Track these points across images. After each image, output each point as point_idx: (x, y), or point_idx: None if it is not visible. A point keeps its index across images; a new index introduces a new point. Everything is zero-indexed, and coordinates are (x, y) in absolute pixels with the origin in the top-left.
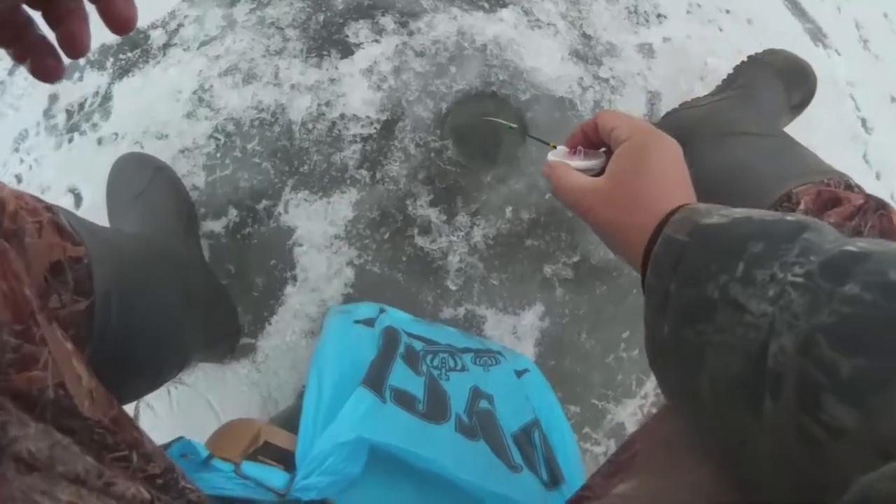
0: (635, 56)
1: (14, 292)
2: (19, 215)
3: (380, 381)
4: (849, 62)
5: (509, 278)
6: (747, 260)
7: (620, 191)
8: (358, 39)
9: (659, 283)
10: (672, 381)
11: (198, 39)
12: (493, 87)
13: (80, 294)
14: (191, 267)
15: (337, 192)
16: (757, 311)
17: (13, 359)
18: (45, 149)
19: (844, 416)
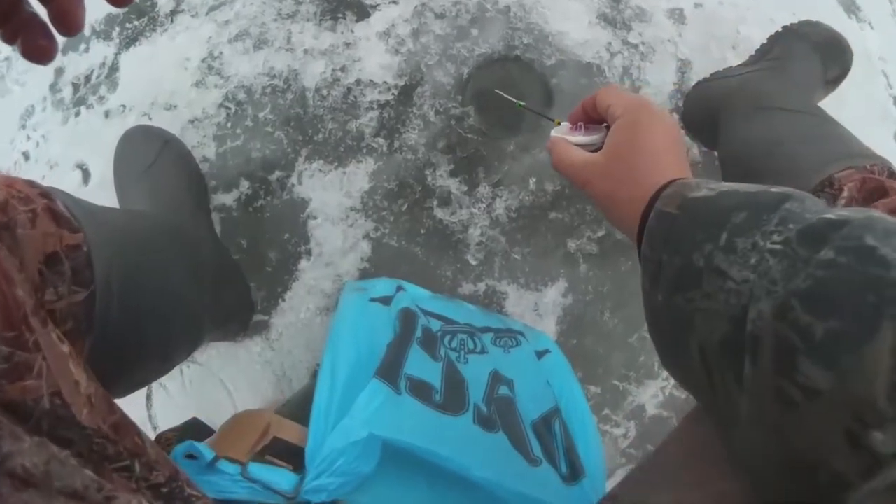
0: (665, 21)
1: (5, 297)
2: (10, 205)
3: (395, 370)
4: (882, 36)
5: (532, 253)
6: (730, 230)
7: (616, 164)
8: (374, 0)
9: (652, 253)
10: (667, 348)
11: (206, 4)
12: (516, 51)
13: (78, 284)
14: (201, 243)
15: (353, 161)
16: (738, 277)
17: (4, 369)
18: (51, 124)
19: (819, 377)
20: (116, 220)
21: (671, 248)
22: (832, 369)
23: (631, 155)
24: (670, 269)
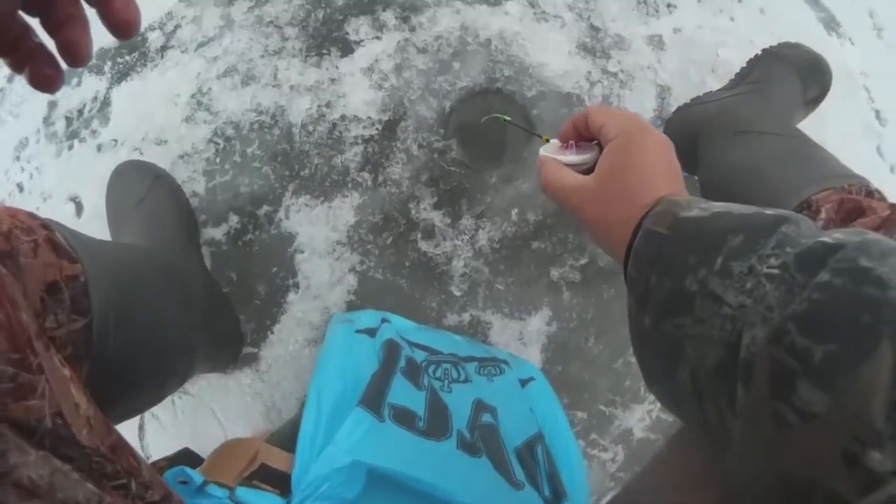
0: (645, 48)
1: (10, 320)
2: (13, 235)
3: (379, 399)
4: (863, 52)
5: (515, 282)
6: (726, 253)
7: (609, 188)
8: (358, 37)
9: (640, 275)
10: (654, 372)
11: (195, 41)
12: (497, 83)
13: (77, 313)
14: (191, 277)
15: (338, 196)
16: (734, 302)
17: (9, 388)
18: (45, 156)
19: (816, 399)
20: (111, 253)
21: (660, 269)
22: (829, 391)
23: (624, 177)
24: (659, 292)
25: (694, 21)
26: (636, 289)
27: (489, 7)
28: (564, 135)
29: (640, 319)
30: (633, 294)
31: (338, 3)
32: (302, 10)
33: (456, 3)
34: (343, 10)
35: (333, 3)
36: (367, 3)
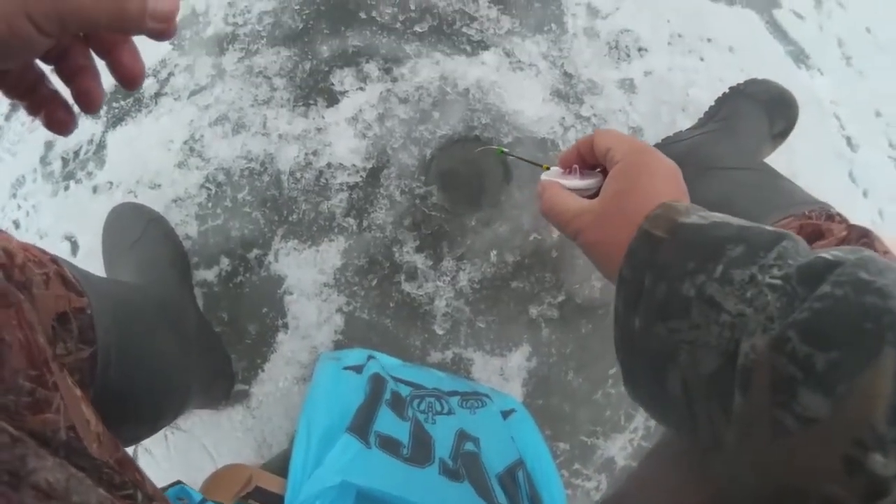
0: (616, 92)
1: (29, 341)
2: (27, 267)
3: (365, 427)
4: (832, 81)
5: (495, 321)
6: (726, 262)
7: (613, 211)
8: (343, 87)
9: (633, 275)
10: (640, 376)
11: (188, 88)
12: (476, 131)
13: (83, 342)
14: (185, 316)
15: (325, 240)
16: (733, 310)
17: (28, 402)
18: (42, 195)
19: (817, 405)
20: (112, 290)
21: (656, 272)
22: (830, 397)
23: (630, 200)
24: (654, 295)
25: (664, 63)
26: (627, 289)
27: (467, 57)
28: (567, 160)
29: (629, 321)
30: (623, 294)
31: (323, 55)
32: (289, 61)
33: (435, 55)
34: (328, 61)
35: (319, 55)
36: (352, 55)
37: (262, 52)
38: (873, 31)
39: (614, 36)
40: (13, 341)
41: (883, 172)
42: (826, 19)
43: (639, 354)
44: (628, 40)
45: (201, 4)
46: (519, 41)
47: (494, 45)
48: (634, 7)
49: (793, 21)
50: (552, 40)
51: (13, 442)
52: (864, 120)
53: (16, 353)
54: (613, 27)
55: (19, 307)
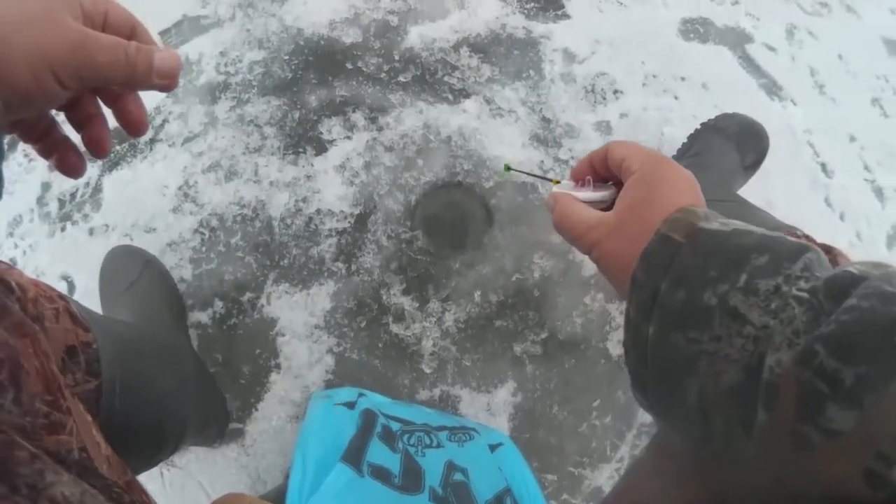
0: (593, 134)
1: (44, 368)
2: (39, 301)
3: (358, 458)
4: (806, 110)
5: (481, 358)
6: (750, 271)
7: (630, 222)
8: (331, 136)
9: (648, 279)
10: (651, 384)
11: (182, 135)
12: (458, 177)
13: (90, 375)
14: (181, 355)
15: (315, 284)
16: (758, 322)
17: (44, 423)
18: (38, 235)
19: (843, 418)
20: (113, 328)
21: (674, 278)
22: (857, 409)
23: (648, 211)
24: (672, 302)
25: (639, 103)
26: (641, 294)
27: (449, 106)
28: (580, 172)
29: (641, 327)
30: (636, 299)
31: (312, 104)
32: (279, 110)
33: (419, 103)
34: (317, 111)
35: (308, 105)
36: (339, 105)
37: (253, 101)
38: (845, 57)
39: (590, 80)
40: (30, 368)
41: (859, 195)
42: (798, 49)
43: (651, 362)
44: (604, 83)
45: (194, 53)
46: (499, 88)
47: (475, 93)
48: (610, 51)
49: (765, 54)
50: (530, 86)
51: (32, 458)
52: (838, 146)
53: (33, 379)
54: (589, 71)
55: (34, 337)
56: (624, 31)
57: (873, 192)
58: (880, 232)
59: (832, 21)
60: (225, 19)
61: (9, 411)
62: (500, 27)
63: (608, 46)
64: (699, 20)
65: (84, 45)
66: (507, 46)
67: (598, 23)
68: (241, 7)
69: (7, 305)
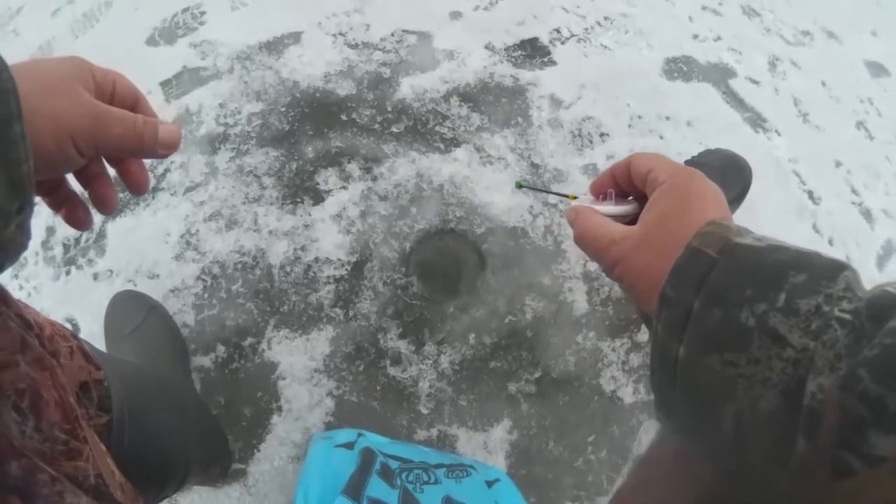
0: (581, 178)
1: (62, 400)
2: (55, 339)
3: (358, 492)
4: (790, 140)
5: (477, 398)
6: (789, 290)
7: (659, 236)
8: (327, 186)
9: (679, 296)
10: (680, 406)
11: (183, 185)
12: (451, 224)
13: (102, 410)
14: (185, 397)
15: (315, 329)
16: (798, 345)
17: (63, 450)
18: (43, 278)
19: (886, 445)
20: (124, 369)
21: (708, 296)
22: None
23: (678, 224)
24: (706, 322)
25: (626, 145)
26: (671, 312)
27: (440, 155)
28: (600, 186)
29: (671, 347)
30: (665, 317)
31: (309, 155)
32: (277, 161)
33: (411, 153)
34: (313, 161)
35: (305, 156)
36: (335, 156)
37: (252, 151)
38: (828, 83)
39: (577, 124)
40: (49, 399)
41: (847, 219)
42: (781, 81)
43: (682, 384)
44: (590, 127)
45: (194, 104)
46: (488, 136)
47: (465, 142)
48: (595, 94)
49: (749, 88)
50: (519, 133)
51: (52, 481)
52: (824, 172)
53: (52, 409)
54: (576, 116)
55: (53, 371)
56: (609, 74)
57: (861, 214)
58: (870, 253)
59: (814, 49)
60: (224, 71)
61: (30, 437)
62: (489, 76)
63: (594, 90)
64: (682, 59)
65: (100, 119)
66: (495, 95)
67: (584, 68)
68: (240, 59)
69: (28, 340)
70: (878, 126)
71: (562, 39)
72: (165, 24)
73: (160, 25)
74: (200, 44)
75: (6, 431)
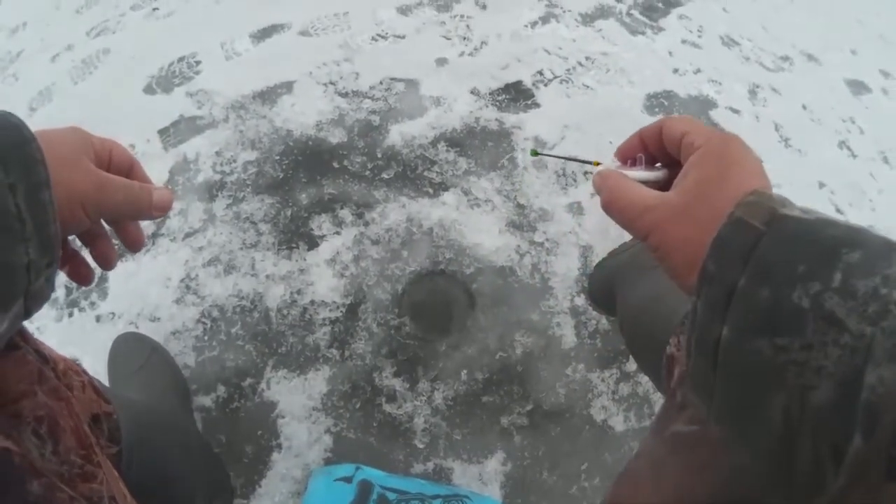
0: (566, 216)
1: (77, 427)
2: (68, 373)
3: None
4: (772, 166)
5: (470, 432)
6: (844, 269)
7: (700, 205)
8: (321, 232)
9: (722, 272)
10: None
11: (183, 231)
12: (441, 265)
13: (112, 441)
14: (188, 433)
15: (312, 369)
16: (856, 330)
17: (79, 472)
18: (46, 319)
19: None
20: (128, 403)
21: (755, 272)
22: None
23: (719, 193)
24: (754, 301)
25: None
26: (713, 290)
27: (430, 199)
28: (629, 150)
29: (712, 328)
30: (706, 295)
31: (303, 202)
32: (273, 208)
33: (401, 199)
34: (307, 208)
35: (299, 203)
36: (328, 202)
37: (248, 199)
38: (809, 106)
39: (561, 164)
40: (66, 426)
41: None
42: (762, 108)
43: (723, 369)
44: (574, 166)
45: (192, 153)
46: (475, 179)
47: (453, 186)
48: (578, 133)
49: (729, 117)
50: (505, 175)
51: (70, 500)
52: (808, 194)
53: (68, 435)
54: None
55: (68, 401)
56: (591, 113)
57: None
58: None
59: (794, 73)
60: (219, 120)
61: (49, 460)
62: (475, 120)
63: (576, 130)
64: (663, 94)
65: (104, 186)
66: (481, 139)
67: (567, 108)
68: (234, 109)
69: (45, 373)
70: (860, 144)
71: (545, 81)
72: (162, 72)
73: (157, 74)
74: (196, 93)
75: (27, 454)
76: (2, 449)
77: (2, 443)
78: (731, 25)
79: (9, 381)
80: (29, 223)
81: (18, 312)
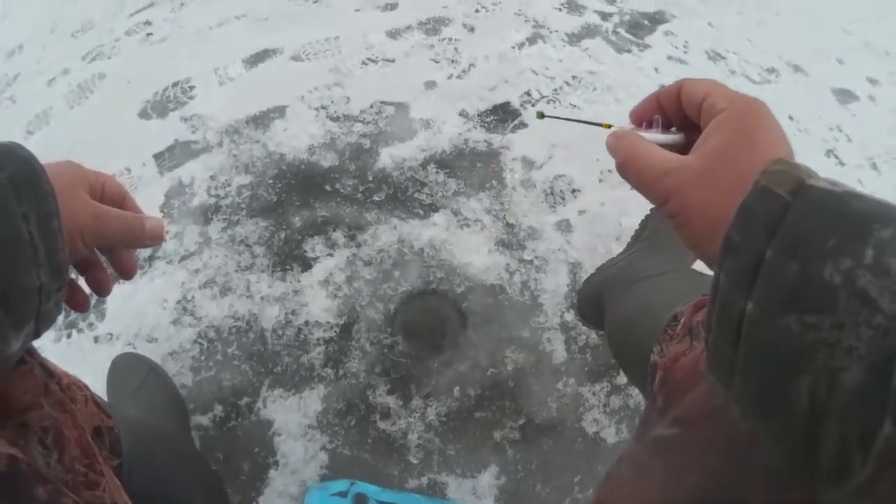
0: (554, 234)
1: (81, 438)
2: (71, 388)
3: None
4: None
5: (464, 447)
6: (875, 245)
7: (725, 170)
8: (314, 254)
9: (748, 242)
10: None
11: (179, 254)
12: (432, 285)
13: (113, 454)
14: (186, 450)
15: (307, 388)
16: (889, 311)
17: (83, 480)
18: (45, 340)
19: None
20: (129, 421)
21: (783, 245)
22: None
23: (745, 157)
24: (781, 275)
25: (597, 199)
26: (737, 261)
27: (420, 220)
28: (644, 112)
29: (735, 302)
30: (729, 266)
31: (296, 224)
32: (267, 231)
33: (392, 220)
34: (301, 230)
35: (293, 225)
36: (320, 224)
37: (243, 222)
38: (796, 117)
39: (549, 183)
40: (70, 437)
41: None
42: None
43: (747, 347)
44: (562, 185)
45: (187, 177)
46: (464, 200)
47: (443, 207)
48: (566, 152)
49: None
50: (494, 195)
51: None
52: None
53: (73, 445)
54: (548, 174)
55: (72, 413)
56: (578, 132)
57: None
58: None
59: (781, 85)
60: (213, 145)
61: (54, 468)
62: (463, 142)
63: (564, 149)
64: None
65: (100, 217)
66: (470, 160)
67: (554, 128)
68: (228, 133)
69: (50, 386)
70: (848, 152)
71: (532, 101)
72: (157, 97)
73: (152, 99)
74: (191, 118)
75: (33, 462)
76: (9, 456)
77: (10, 451)
78: (717, 40)
79: (17, 394)
80: (41, 249)
81: (30, 332)
